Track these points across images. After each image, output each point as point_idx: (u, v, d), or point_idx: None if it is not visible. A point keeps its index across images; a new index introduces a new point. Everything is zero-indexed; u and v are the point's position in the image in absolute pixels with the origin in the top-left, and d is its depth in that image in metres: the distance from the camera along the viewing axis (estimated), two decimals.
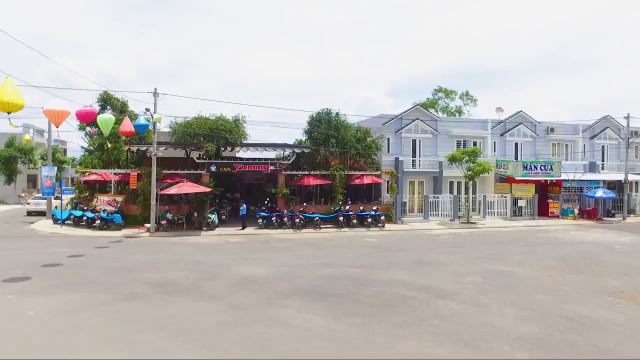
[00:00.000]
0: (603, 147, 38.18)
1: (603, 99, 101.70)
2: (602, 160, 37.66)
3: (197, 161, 26.19)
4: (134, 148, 27.16)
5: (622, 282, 13.56)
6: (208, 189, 24.96)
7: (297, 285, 12.75)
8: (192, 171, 26.25)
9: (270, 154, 29.90)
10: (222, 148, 26.78)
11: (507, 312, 10.36)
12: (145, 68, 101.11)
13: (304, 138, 30.65)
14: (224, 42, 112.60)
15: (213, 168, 26.10)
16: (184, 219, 24.93)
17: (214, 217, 24.64)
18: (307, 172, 27.78)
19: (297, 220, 25.17)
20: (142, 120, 22.95)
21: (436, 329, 9.22)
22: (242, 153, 30.57)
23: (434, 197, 30.86)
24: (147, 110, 23.43)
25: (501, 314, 10.29)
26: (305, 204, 27.01)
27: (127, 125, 22.56)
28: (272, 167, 27.19)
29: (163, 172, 25.29)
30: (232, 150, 28.37)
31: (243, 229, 24.50)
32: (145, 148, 26.42)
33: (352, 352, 8.05)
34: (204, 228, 24.45)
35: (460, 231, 25.83)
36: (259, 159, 28.97)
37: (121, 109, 31.22)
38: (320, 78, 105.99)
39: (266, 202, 26.90)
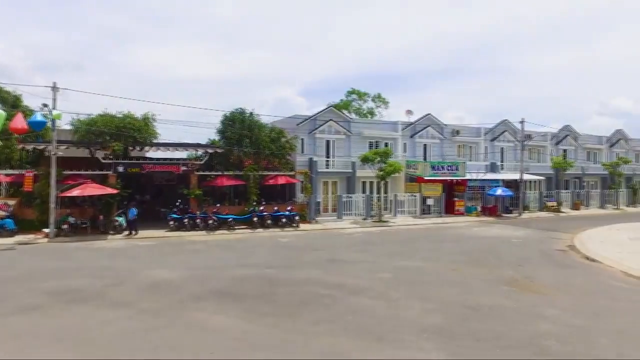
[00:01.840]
0: (502, 148, 41.28)
1: (503, 104, 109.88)
2: (502, 161, 40.73)
3: (103, 161, 24.73)
4: (30, 147, 25.05)
5: (517, 272, 14.74)
6: (115, 191, 23.68)
7: (210, 287, 12.49)
8: (97, 172, 24.73)
9: (182, 154, 28.97)
10: (130, 147, 25.50)
11: (415, 305, 10.87)
12: (43, 59, 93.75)
13: (217, 138, 30.08)
14: (133, 36, 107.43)
15: (120, 168, 24.78)
16: (88, 223, 23.42)
17: (121, 220, 23.39)
18: (221, 173, 27.29)
19: (211, 221, 24.63)
20: (39, 117, 21.13)
21: (349, 325, 9.46)
22: (152, 153, 29.34)
23: (347, 196, 31.59)
24: (45, 105, 21.70)
25: (409, 307, 10.77)
26: (218, 205, 26.49)
27: (19, 122, 20.11)
28: (184, 168, 26.37)
29: (64, 172, 23.56)
30: (141, 149, 27.13)
31: (132, 234, 22.76)
32: (44, 147, 24.50)
33: (266, 352, 8.05)
34: (111, 232, 23.15)
35: (372, 229, 26.66)
36: (170, 159, 27.97)
37: (13, 104, 28.61)
38: (234, 77, 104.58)
39: (178, 203, 26.04)
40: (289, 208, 27.05)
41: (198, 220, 24.69)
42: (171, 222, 24.42)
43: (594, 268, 15.83)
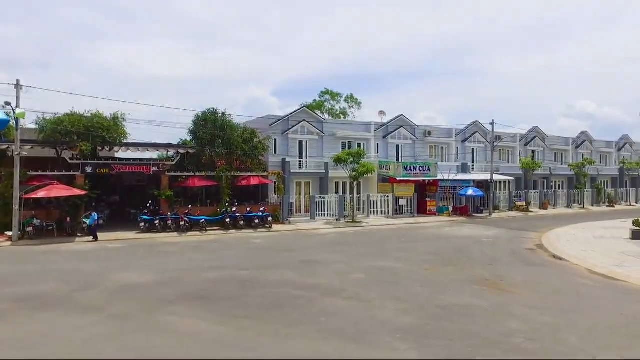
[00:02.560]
0: (473, 149, 42.01)
1: (474, 105, 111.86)
2: (472, 162, 41.45)
3: (70, 162, 24.07)
4: None
5: (488, 271, 15.00)
6: (82, 192, 23.09)
7: (182, 290, 12.30)
8: (64, 172, 24.07)
9: (153, 155, 28.50)
10: (99, 148, 24.89)
11: (388, 306, 10.92)
12: (3, 54, 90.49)
13: (189, 138, 29.70)
14: (101, 32, 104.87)
15: (89, 169, 24.17)
16: (54, 225, 22.77)
17: (89, 221, 22.81)
18: (193, 174, 26.94)
19: (182, 223, 24.27)
20: (1, 115, 20.34)
21: (323, 326, 9.44)
22: (121, 153, 28.72)
23: (320, 197, 31.60)
24: (8, 104, 20.93)
25: (383, 307, 10.82)
26: (190, 206, 26.13)
27: None
28: (154, 168, 25.91)
29: (29, 173, 22.86)
30: (110, 150, 26.52)
31: (93, 240, 21.67)
32: (6, 146, 23.72)
33: (239, 355, 7.97)
34: (79, 234, 22.57)
35: (345, 230, 26.74)
36: (141, 159, 27.44)
37: None
38: (206, 76, 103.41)
39: (149, 204, 25.58)
40: (261, 209, 26.89)
41: (169, 222, 24.30)
42: (142, 224, 23.97)
43: (561, 266, 16.24)
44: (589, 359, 7.88)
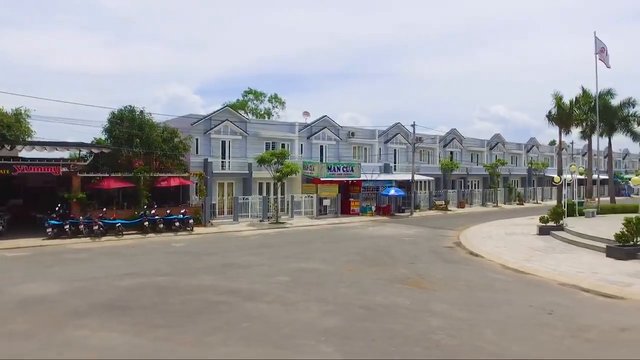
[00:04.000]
0: (395, 150, 43.23)
1: (395, 107, 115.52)
2: (395, 162, 42.66)
3: None
4: None
5: (409, 270, 15.34)
6: None
7: (94, 301, 11.43)
8: None
9: (63, 154, 26.50)
10: None
11: (312, 308, 10.80)
12: None
13: (103, 137, 28.00)
14: (3, 18, 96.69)
15: None
16: None
17: None
18: (108, 174, 25.41)
19: (96, 227, 22.78)
20: None
21: (246, 332, 9.13)
22: (25, 152, 26.47)
23: (243, 198, 31.06)
24: None
25: (307, 310, 10.68)
26: (105, 209, 24.59)
27: None
28: (64, 169, 24.09)
29: None
30: (11, 149, 24.33)
31: None
32: None
33: None
34: None
35: (269, 231, 26.43)
36: (48, 159, 25.38)
37: None
38: (123, 71, 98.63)
39: (57, 208, 23.75)
40: (182, 211, 25.91)
41: (81, 227, 22.73)
42: (49, 229, 22.18)
43: (477, 262, 16.97)
44: (502, 351, 8.20)
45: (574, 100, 38.02)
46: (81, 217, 23.20)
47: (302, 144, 36.91)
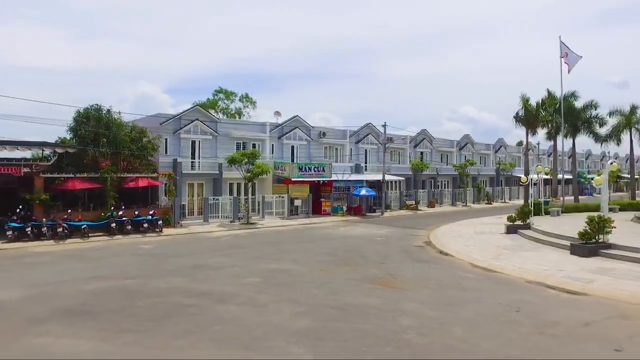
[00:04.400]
0: (366, 150, 43.45)
1: (367, 107, 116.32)
2: (366, 163, 42.87)
3: None
4: None
5: (380, 269, 15.41)
6: None
7: (57, 306, 11.06)
8: None
9: (25, 154, 25.59)
10: None
11: (284, 309, 10.72)
12: None
13: (68, 136, 27.19)
14: None
15: None
16: None
17: None
18: (73, 175, 24.71)
19: (60, 229, 22.10)
20: None
21: (216, 335, 9.00)
22: None
23: (214, 199, 30.70)
24: None
25: (279, 311, 10.60)
26: (70, 210, 23.88)
27: None
28: (26, 169, 23.28)
29: None
30: None
31: None
32: None
33: None
34: None
35: (240, 232, 26.18)
36: (8, 159, 24.47)
37: None
38: (89, 69, 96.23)
39: (18, 210, 22.95)
40: (151, 212, 25.42)
41: (44, 229, 22.02)
42: (9, 232, 21.40)
43: (447, 261, 17.18)
44: (471, 348, 8.30)
45: (540, 102, 39.03)
46: (44, 219, 22.48)
47: (273, 144, 36.72)
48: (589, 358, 8.02)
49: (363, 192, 35.67)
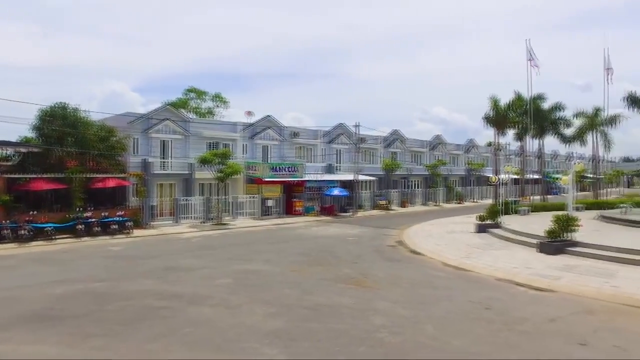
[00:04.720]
0: (338, 150, 43.56)
1: (340, 107, 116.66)
2: (338, 163, 42.98)
3: None
4: None
5: (352, 269, 15.45)
6: None
7: (20, 311, 10.68)
8: None
9: None
10: None
11: (257, 310, 10.64)
12: None
13: (32, 135, 26.37)
14: None
15: None
16: None
17: None
18: (37, 175, 23.97)
19: (23, 231, 21.41)
20: None
21: (188, 338, 8.86)
22: None
23: (185, 199, 30.29)
24: None
25: (251, 312, 10.51)
26: (34, 212, 23.16)
27: None
28: None
29: None
30: None
31: None
32: None
33: None
34: None
35: (211, 233, 25.90)
36: None
37: None
38: (54, 66, 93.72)
39: None
40: (120, 213, 24.90)
41: (6, 231, 21.28)
42: None
43: (419, 260, 17.36)
44: (442, 346, 8.41)
45: (508, 103, 39.88)
46: (6, 221, 21.75)
47: (245, 144, 36.46)
48: (555, 353, 8.20)
49: (335, 192, 35.77)
